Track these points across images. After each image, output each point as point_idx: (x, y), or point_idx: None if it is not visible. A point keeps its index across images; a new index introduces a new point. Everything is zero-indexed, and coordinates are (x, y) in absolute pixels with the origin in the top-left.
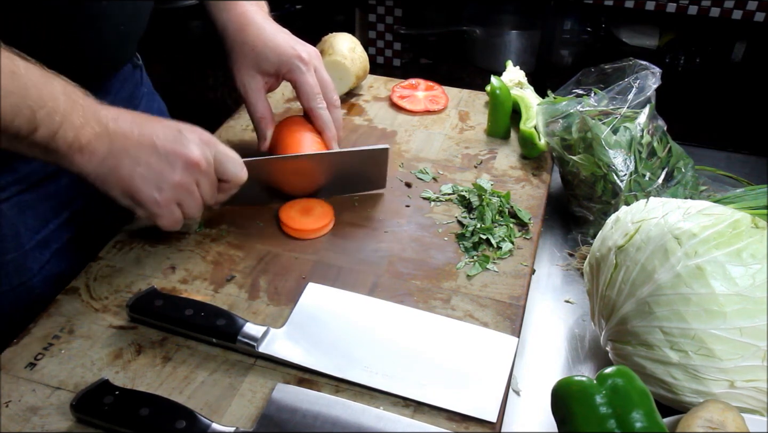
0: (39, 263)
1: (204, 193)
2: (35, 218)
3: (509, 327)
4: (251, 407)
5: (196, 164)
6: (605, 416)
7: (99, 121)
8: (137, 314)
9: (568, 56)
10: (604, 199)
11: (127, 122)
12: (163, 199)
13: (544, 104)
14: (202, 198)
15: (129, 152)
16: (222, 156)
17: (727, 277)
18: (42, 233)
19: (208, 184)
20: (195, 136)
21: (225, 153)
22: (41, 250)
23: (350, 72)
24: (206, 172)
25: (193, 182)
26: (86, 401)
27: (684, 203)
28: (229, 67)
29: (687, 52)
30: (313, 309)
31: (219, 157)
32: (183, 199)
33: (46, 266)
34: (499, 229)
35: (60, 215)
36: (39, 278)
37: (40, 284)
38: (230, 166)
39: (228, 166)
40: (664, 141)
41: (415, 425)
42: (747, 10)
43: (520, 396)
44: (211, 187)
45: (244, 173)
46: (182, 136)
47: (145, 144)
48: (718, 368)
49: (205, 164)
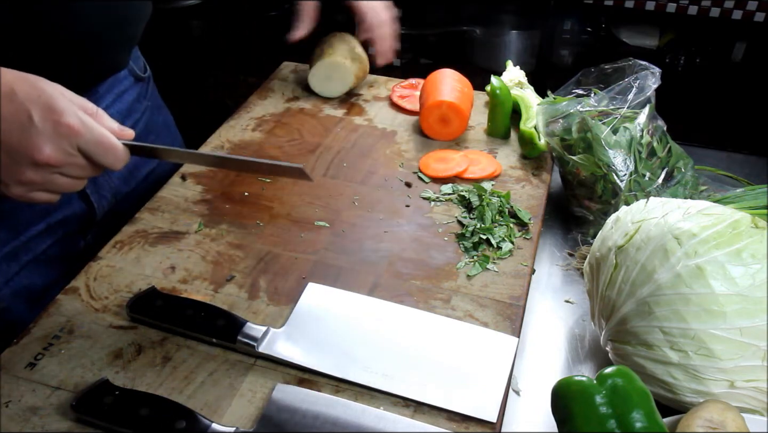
0: (5, 276)
1: (75, 177)
2: (6, 230)
3: (509, 327)
4: (251, 407)
5: (46, 163)
6: (605, 416)
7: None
8: (137, 314)
9: (568, 56)
10: (604, 199)
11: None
12: (16, 193)
13: (544, 104)
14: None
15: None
16: (88, 145)
17: (727, 277)
18: (10, 245)
19: (75, 170)
20: (49, 125)
21: (93, 142)
22: (8, 262)
23: (350, 72)
24: (64, 164)
25: (48, 177)
26: (86, 401)
27: (684, 203)
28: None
29: (687, 52)
30: (313, 309)
31: (85, 146)
32: (45, 186)
33: (14, 279)
34: (499, 229)
35: (34, 228)
36: (6, 292)
37: (8, 297)
38: (101, 156)
39: (99, 155)
40: (664, 141)
41: (415, 425)
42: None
43: (520, 396)
44: (82, 170)
45: (120, 160)
46: (32, 125)
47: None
48: (718, 368)
49: (60, 160)
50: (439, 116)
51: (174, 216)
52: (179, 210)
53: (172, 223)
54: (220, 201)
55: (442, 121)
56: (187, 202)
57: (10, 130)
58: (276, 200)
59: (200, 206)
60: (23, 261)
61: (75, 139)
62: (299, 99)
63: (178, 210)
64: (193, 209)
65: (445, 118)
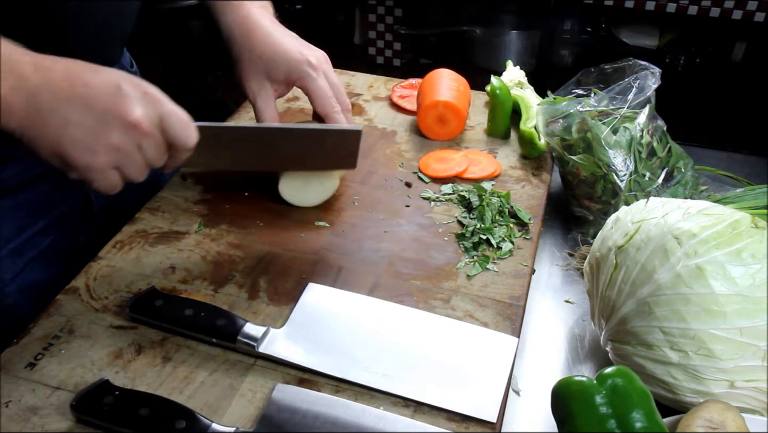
0: (12, 272)
1: (148, 157)
2: (9, 226)
3: (509, 327)
4: (251, 407)
5: (136, 125)
6: (605, 416)
7: (14, 72)
8: (137, 314)
9: (568, 56)
10: (604, 200)
11: (56, 74)
12: (97, 164)
13: (544, 104)
14: (146, 162)
15: (57, 110)
16: (170, 116)
17: (727, 277)
18: (15, 242)
19: (153, 147)
20: (137, 92)
21: (173, 113)
22: (14, 258)
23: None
24: (149, 134)
25: (133, 145)
26: (86, 401)
27: (684, 203)
28: (236, 74)
29: (687, 52)
30: (313, 309)
31: (166, 117)
32: (122, 163)
33: (20, 275)
34: (499, 229)
35: (36, 224)
36: (13, 287)
37: (14, 293)
38: (178, 129)
39: (176, 128)
40: (664, 141)
41: (415, 425)
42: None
43: (520, 396)
44: (156, 149)
45: (193, 137)
46: (121, 92)
47: (77, 101)
48: (718, 368)
49: (147, 125)
50: (437, 116)
51: (174, 216)
52: (179, 210)
53: (172, 223)
54: (220, 201)
55: (440, 121)
56: (187, 203)
57: (98, 96)
58: (276, 200)
59: (200, 206)
60: (28, 257)
61: (159, 108)
62: (299, 99)
63: (178, 210)
64: (193, 209)
65: (443, 118)
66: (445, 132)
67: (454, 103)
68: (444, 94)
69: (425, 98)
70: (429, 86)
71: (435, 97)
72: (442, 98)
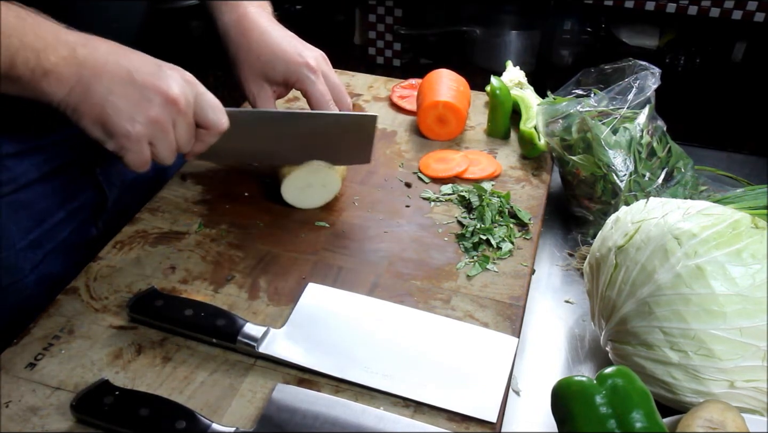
0: (31, 263)
1: (180, 137)
2: (29, 218)
3: (509, 327)
4: (251, 408)
5: (175, 101)
6: (605, 416)
7: (65, 45)
8: (137, 314)
9: (568, 56)
10: (604, 200)
11: (100, 50)
12: (135, 133)
13: (544, 104)
14: (177, 142)
15: (102, 81)
16: (203, 99)
17: (727, 277)
18: (35, 233)
19: (185, 126)
20: (176, 73)
21: (207, 96)
22: (34, 250)
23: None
24: (184, 112)
25: (169, 121)
26: (86, 401)
27: (684, 203)
28: (234, 74)
29: (687, 52)
30: (313, 309)
31: (200, 99)
32: (157, 138)
33: (39, 266)
34: (499, 229)
35: (54, 216)
36: (31, 279)
37: (32, 284)
38: (210, 111)
39: (208, 110)
40: (664, 141)
41: (415, 425)
42: (747, 10)
43: (520, 396)
44: (188, 130)
45: (225, 121)
46: (162, 71)
47: (121, 74)
48: (718, 368)
49: (184, 103)
50: (437, 116)
51: (174, 216)
52: (179, 210)
53: (172, 223)
54: (220, 201)
55: (440, 122)
56: (187, 203)
57: (141, 71)
58: (276, 201)
59: (200, 206)
60: (47, 249)
61: (195, 88)
62: (299, 99)
63: (178, 210)
64: (193, 209)
65: (443, 118)
66: (445, 132)
67: (454, 104)
68: (444, 94)
69: (425, 98)
70: (429, 86)
71: (435, 97)
72: (442, 98)
